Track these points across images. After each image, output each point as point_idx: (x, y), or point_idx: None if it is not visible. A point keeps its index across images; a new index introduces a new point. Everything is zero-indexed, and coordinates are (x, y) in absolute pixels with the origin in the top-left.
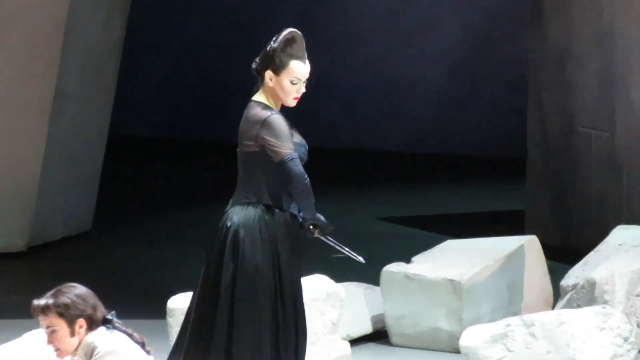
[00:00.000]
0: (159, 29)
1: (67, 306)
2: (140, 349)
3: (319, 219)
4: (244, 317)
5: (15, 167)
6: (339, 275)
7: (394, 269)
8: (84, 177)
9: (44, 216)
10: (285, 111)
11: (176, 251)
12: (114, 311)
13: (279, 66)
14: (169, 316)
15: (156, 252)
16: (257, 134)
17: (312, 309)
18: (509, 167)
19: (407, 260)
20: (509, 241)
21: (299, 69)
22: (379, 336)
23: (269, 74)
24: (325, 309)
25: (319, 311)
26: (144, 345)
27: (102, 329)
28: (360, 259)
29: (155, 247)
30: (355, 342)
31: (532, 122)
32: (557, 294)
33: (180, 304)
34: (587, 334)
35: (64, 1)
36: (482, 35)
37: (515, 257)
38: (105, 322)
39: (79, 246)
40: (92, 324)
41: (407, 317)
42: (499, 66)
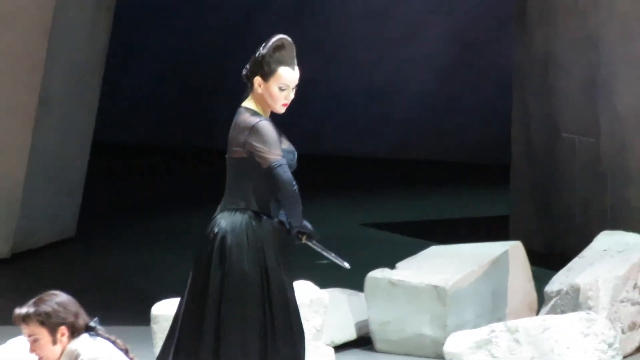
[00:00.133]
0: (142, 35)
1: (48, 314)
2: (124, 356)
3: (306, 227)
4: (231, 323)
5: None
6: (323, 281)
7: (378, 275)
8: (68, 184)
9: (28, 222)
10: (272, 117)
11: (160, 258)
12: (96, 318)
13: (267, 72)
14: (153, 323)
15: (140, 259)
16: (246, 140)
17: None
18: (493, 172)
19: (392, 266)
20: (493, 247)
21: (287, 75)
22: (363, 342)
23: (257, 80)
24: (309, 315)
25: (302, 317)
26: (127, 352)
27: (85, 336)
28: (346, 265)
29: (139, 253)
30: (339, 348)
31: (516, 128)
32: (542, 299)
33: (164, 310)
34: (572, 339)
35: (48, 7)
36: (467, 41)
37: (499, 263)
38: (88, 329)
39: (63, 252)
40: (74, 332)
41: (392, 323)
42: (484, 72)
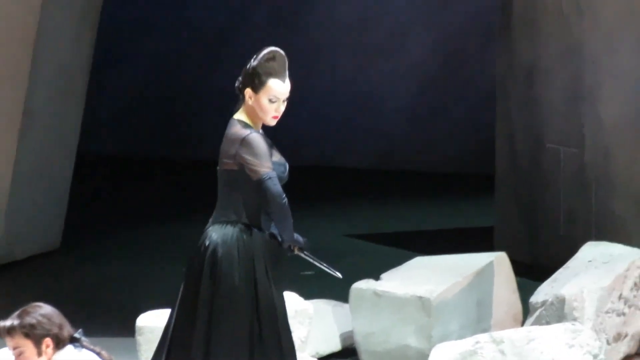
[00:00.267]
0: (125, 45)
1: (32, 326)
2: None
3: (297, 240)
4: (221, 335)
5: None
6: (308, 292)
7: (363, 285)
8: (52, 194)
9: (12, 234)
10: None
11: (145, 269)
12: (81, 329)
13: (257, 84)
14: (137, 334)
15: (125, 270)
16: (236, 153)
17: None
18: (477, 183)
19: (376, 277)
20: (478, 258)
21: (278, 88)
22: (348, 353)
23: (248, 92)
24: (294, 327)
25: None
26: None
27: (70, 348)
28: (338, 275)
29: (124, 264)
30: (324, 359)
31: (500, 138)
32: (527, 310)
33: (149, 322)
34: (557, 350)
35: (33, 18)
36: (450, 51)
37: (484, 274)
38: (73, 340)
39: (47, 264)
40: (59, 343)
41: (376, 334)
42: (468, 82)
